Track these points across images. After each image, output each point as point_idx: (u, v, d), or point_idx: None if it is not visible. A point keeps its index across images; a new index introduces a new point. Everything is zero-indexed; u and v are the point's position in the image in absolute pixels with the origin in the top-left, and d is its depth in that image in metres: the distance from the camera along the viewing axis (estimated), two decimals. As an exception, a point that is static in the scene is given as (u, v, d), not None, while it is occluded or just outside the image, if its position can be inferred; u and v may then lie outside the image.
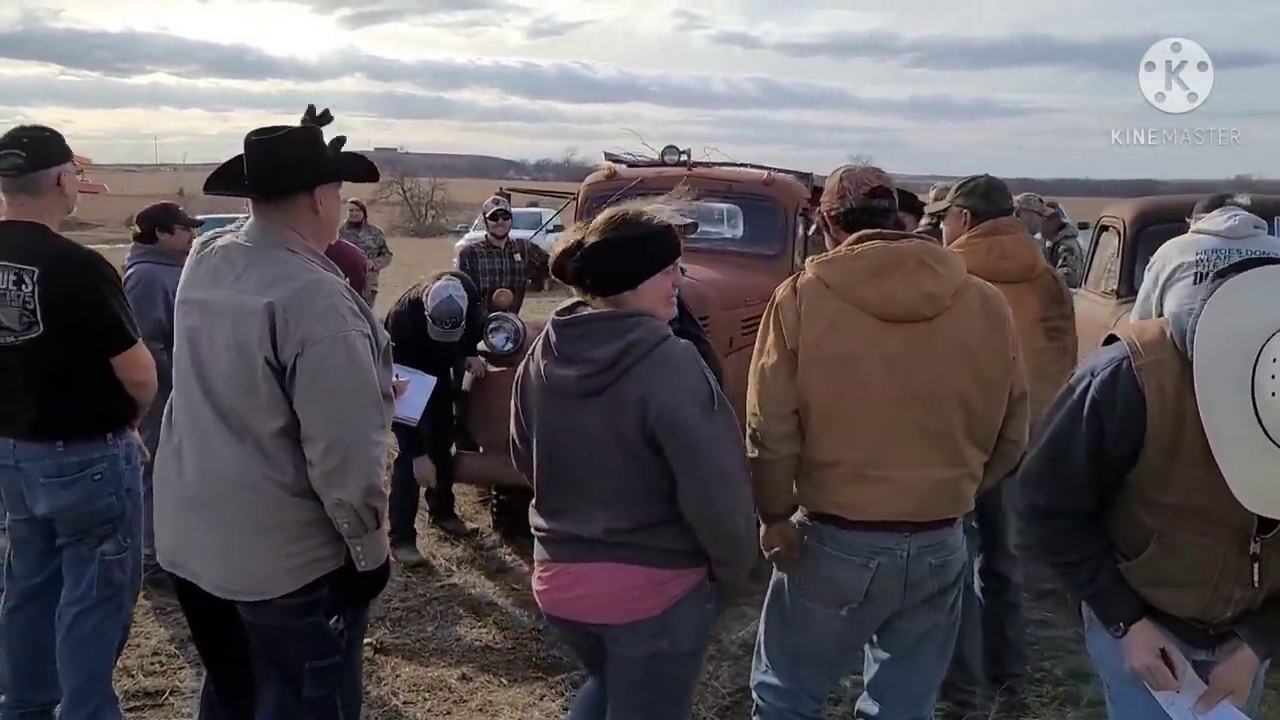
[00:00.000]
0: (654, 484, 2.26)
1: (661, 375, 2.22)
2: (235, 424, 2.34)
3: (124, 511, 3.21)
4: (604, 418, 2.25)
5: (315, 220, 2.45)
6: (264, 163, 2.38)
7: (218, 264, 2.40)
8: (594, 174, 6.93)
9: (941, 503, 2.44)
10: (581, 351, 2.26)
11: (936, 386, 2.38)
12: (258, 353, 2.28)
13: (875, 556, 2.42)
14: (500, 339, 5.41)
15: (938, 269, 2.42)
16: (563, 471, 2.34)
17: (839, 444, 2.41)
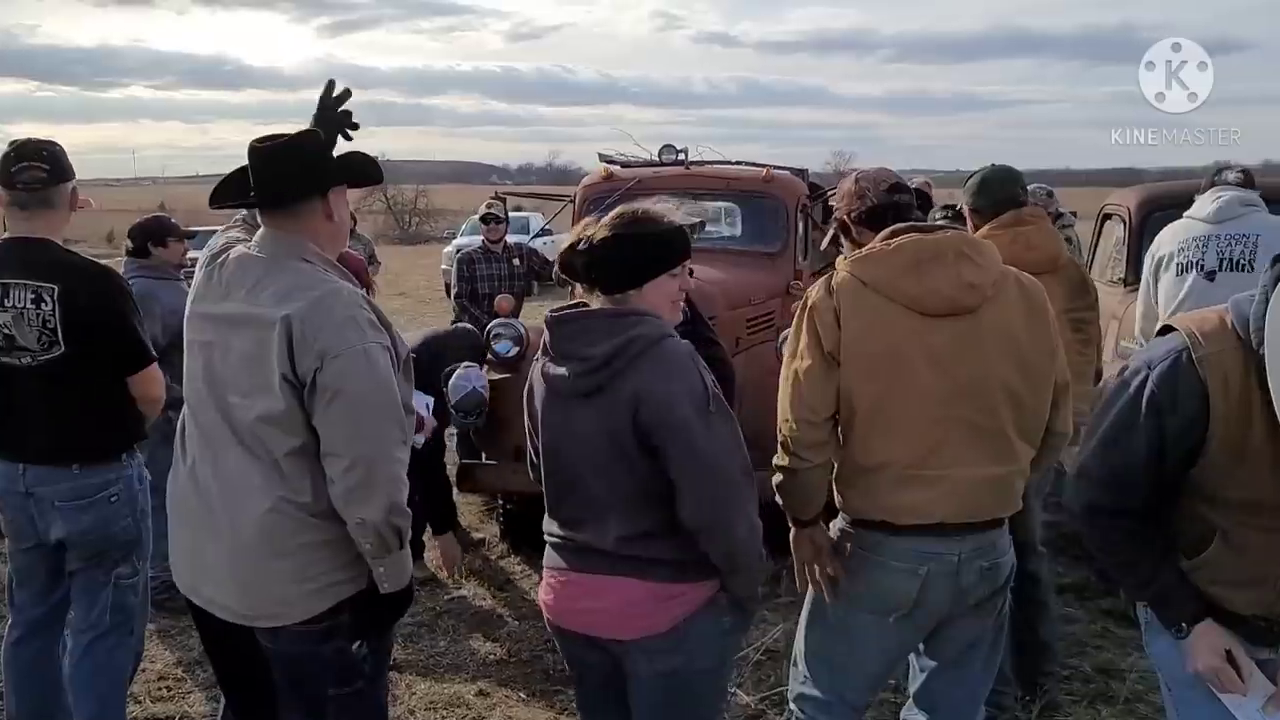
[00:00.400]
0: (652, 490, 2.16)
1: (657, 373, 2.12)
2: (251, 442, 2.24)
3: (139, 533, 3.13)
4: (599, 419, 2.15)
5: (329, 227, 2.36)
6: (271, 172, 2.28)
7: (230, 277, 2.31)
8: (590, 175, 6.85)
9: (994, 501, 2.37)
10: (577, 349, 2.17)
11: (984, 380, 2.31)
12: (275, 368, 2.18)
13: (926, 562, 2.34)
14: (504, 346, 5.31)
15: (976, 259, 2.36)
16: (569, 479, 2.25)
17: (887, 445, 2.33)
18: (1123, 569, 2.14)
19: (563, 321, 2.22)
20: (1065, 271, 3.50)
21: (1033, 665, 3.67)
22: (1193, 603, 2.03)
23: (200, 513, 2.33)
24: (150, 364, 3.05)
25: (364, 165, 2.43)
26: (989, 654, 2.56)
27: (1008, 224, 3.49)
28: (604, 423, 2.15)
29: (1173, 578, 2.04)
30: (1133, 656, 4.07)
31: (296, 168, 2.29)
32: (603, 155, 7.34)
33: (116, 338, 2.97)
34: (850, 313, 2.34)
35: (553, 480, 2.29)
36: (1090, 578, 4.87)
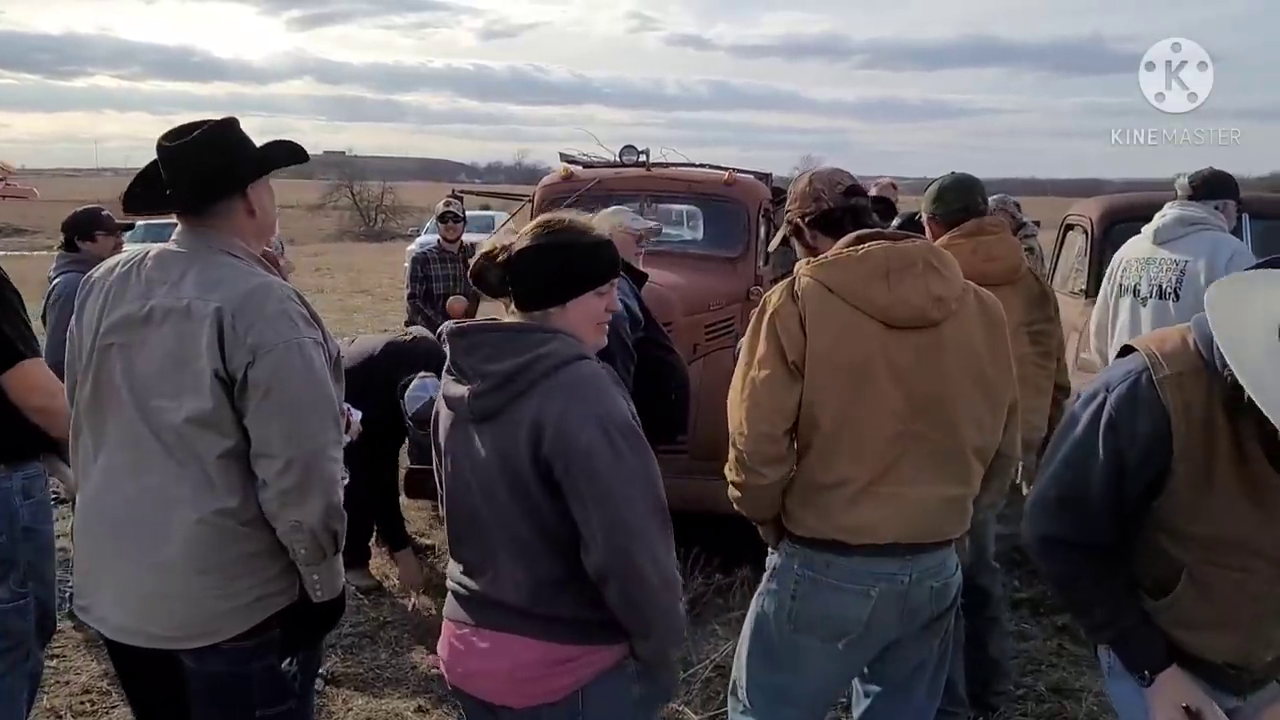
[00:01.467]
0: (554, 534, 1.88)
1: (564, 396, 1.85)
2: (177, 448, 2.10)
3: (14, 554, 2.87)
4: (496, 446, 1.89)
5: (252, 222, 2.23)
6: (184, 172, 2.16)
7: (151, 274, 2.17)
8: (550, 175, 6.73)
9: (947, 522, 2.30)
10: (476, 365, 1.92)
11: (945, 397, 2.23)
12: (205, 364, 2.05)
13: (876, 583, 2.26)
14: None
15: (943, 271, 2.29)
16: (466, 516, 1.99)
17: (847, 461, 2.23)
18: (1080, 608, 2.02)
19: (462, 334, 1.98)
20: (1024, 283, 3.43)
21: (985, 684, 3.59)
22: (1157, 648, 1.90)
23: (115, 530, 2.17)
24: (16, 364, 2.75)
25: (286, 153, 2.29)
26: (934, 676, 2.49)
27: (970, 233, 3.41)
28: (500, 451, 1.89)
29: (1135, 619, 1.91)
30: (1088, 676, 4.00)
31: (211, 167, 2.15)
32: (564, 155, 7.24)
33: None
34: (817, 321, 2.23)
35: (451, 516, 2.04)
36: (1045, 593, 4.80)
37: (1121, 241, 5.87)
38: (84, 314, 2.24)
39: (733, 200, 6.37)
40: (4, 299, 2.80)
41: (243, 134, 2.22)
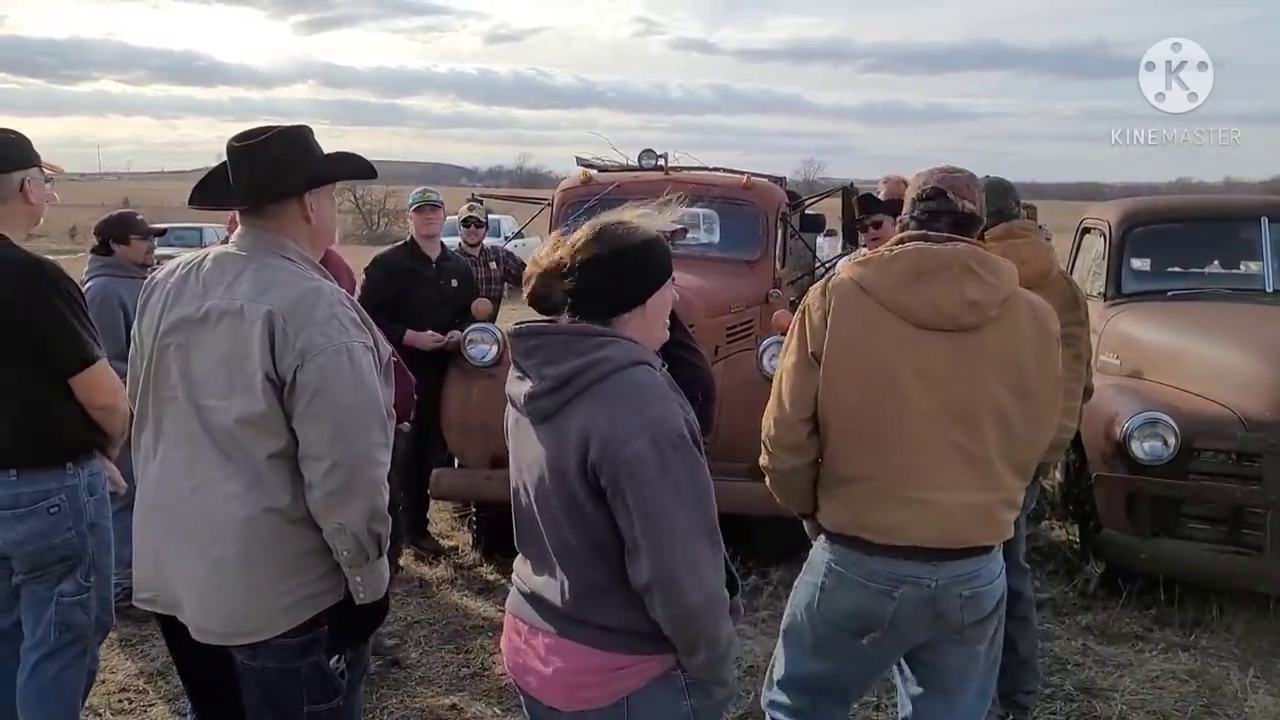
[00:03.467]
0: (598, 541, 1.85)
1: (615, 403, 1.81)
2: (229, 447, 2.15)
3: (84, 548, 2.93)
4: (548, 450, 1.87)
5: (308, 228, 2.29)
6: (249, 170, 2.21)
7: (208, 276, 2.22)
8: (568, 179, 6.77)
9: (974, 529, 2.27)
10: (536, 366, 1.90)
11: (977, 403, 2.22)
12: (258, 366, 2.10)
13: (900, 585, 2.26)
14: (480, 351, 5.21)
15: (985, 276, 2.26)
16: (527, 514, 1.98)
17: (866, 459, 2.26)
18: None
19: (523, 335, 1.95)
20: (1056, 286, 3.44)
21: (1014, 684, 3.62)
22: None
23: (173, 524, 2.22)
24: (89, 366, 2.85)
25: (349, 164, 2.37)
26: (983, 685, 2.48)
27: (999, 236, 3.43)
28: (551, 456, 1.86)
29: None
30: (1115, 675, 4.04)
31: (274, 168, 2.21)
32: (580, 159, 7.27)
33: (48, 337, 2.79)
34: (841, 317, 2.27)
35: (517, 512, 2.04)
36: (1068, 593, 4.84)
37: (1140, 244, 5.96)
38: (145, 314, 2.29)
39: (750, 204, 6.41)
40: (76, 301, 2.88)
41: (310, 142, 2.29)
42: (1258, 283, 5.58)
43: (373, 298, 5.16)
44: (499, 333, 5.30)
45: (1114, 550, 4.58)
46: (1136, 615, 4.59)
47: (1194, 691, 3.92)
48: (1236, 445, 4.28)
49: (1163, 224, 6.06)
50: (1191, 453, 4.32)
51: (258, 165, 2.21)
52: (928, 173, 2.45)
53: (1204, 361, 4.72)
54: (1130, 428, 4.35)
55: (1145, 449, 4.35)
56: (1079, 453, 4.84)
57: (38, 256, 2.88)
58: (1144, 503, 4.43)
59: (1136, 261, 6.01)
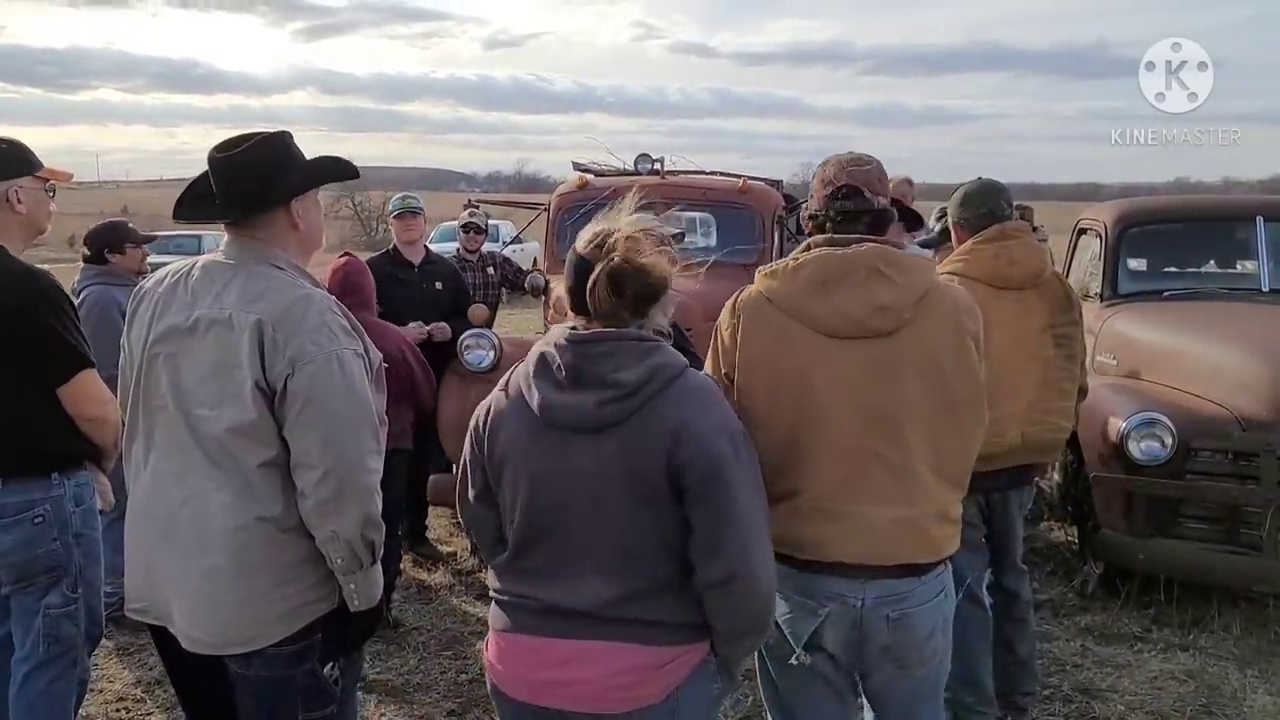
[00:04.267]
0: (668, 539, 1.91)
1: (693, 405, 1.90)
2: (220, 457, 2.14)
3: (69, 559, 2.92)
4: (620, 454, 1.89)
5: (297, 235, 2.28)
6: (232, 182, 2.20)
7: (197, 285, 2.21)
8: (565, 184, 6.78)
9: (901, 545, 2.13)
10: (606, 373, 1.90)
11: (897, 411, 2.11)
12: (247, 375, 2.09)
13: (827, 602, 2.15)
14: (477, 356, 5.22)
15: (895, 277, 2.12)
16: (550, 525, 1.96)
17: (788, 477, 2.14)
18: None
19: (587, 342, 1.93)
20: (1049, 287, 3.45)
21: (1012, 685, 3.62)
22: None
23: (164, 534, 2.22)
24: (76, 376, 2.84)
25: (333, 167, 2.35)
26: (934, 702, 2.35)
27: (992, 238, 3.43)
28: (623, 457, 1.89)
29: None
30: (1114, 676, 4.03)
31: (257, 179, 2.20)
32: (577, 164, 7.28)
33: (34, 346, 2.78)
34: (751, 332, 2.17)
35: (524, 526, 1.98)
36: (1066, 594, 4.84)
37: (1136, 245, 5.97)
38: (134, 324, 2.29)
39: (747, 207, 6.42)
40: (66, 311, 2.87)
41: (291, 148, 2.27)
42: (1253, 282, 5.58)
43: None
44: (495, 338, 5.30)
45: (1112, 550, 4.58)
46: (1135, 615, 4.58)
47: (1193, 692, 3.92)
48: (1233, 445, 4.29)
49: (1158, 224, 6.06)
50: (1189, 452, 4.32)
51: (241, 176, 2.19)
52: (835, 166, 2.28)
53: (1201, 361, 4.72)
54: (1127, 428, 4.35)
55: (1142, 449, 4.35)
56: (1076, 453, 4.83)
57: (28, 265, 2.87)
58: (1141, 503, 4.43)
59: (1133, 262, 6.01)
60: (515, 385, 2.00)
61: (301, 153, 2.30)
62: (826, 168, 2.28)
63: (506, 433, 1.99)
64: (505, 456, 1.99)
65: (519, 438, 1.97)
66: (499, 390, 2.05)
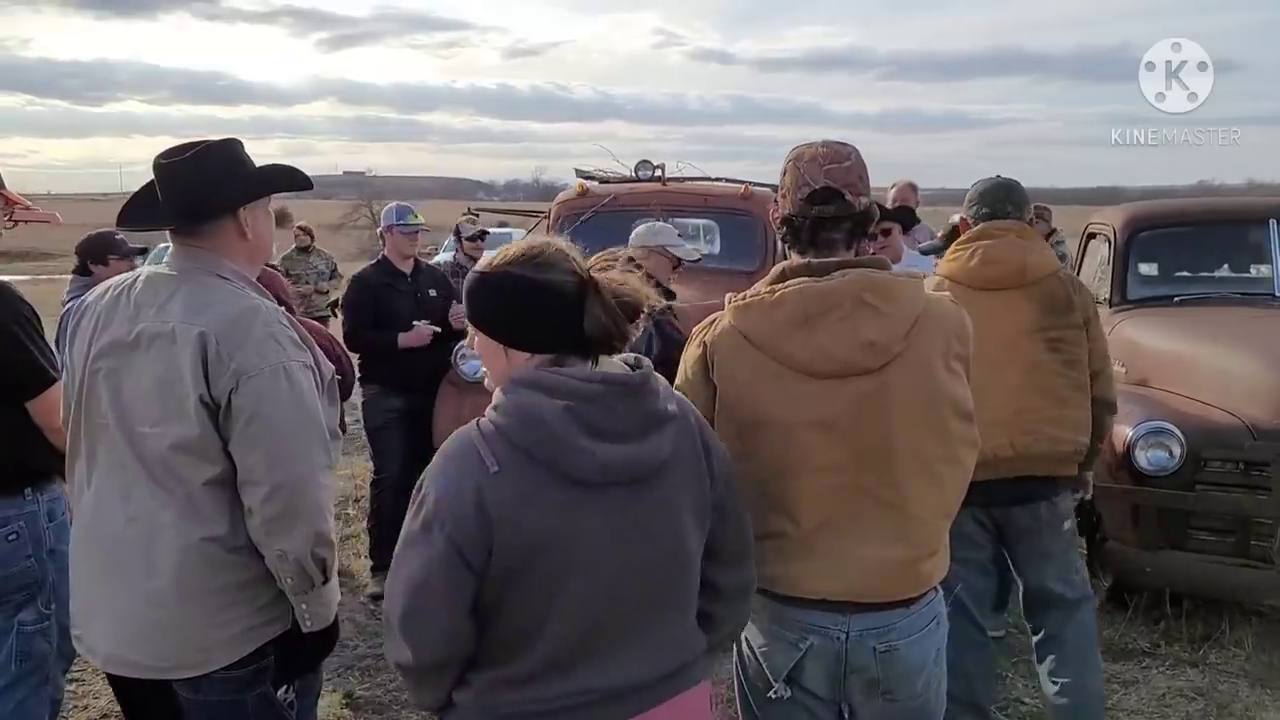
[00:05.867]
0: (699, 565, 1.79)
1: (696, 421, 1.78)
2: (163, 475, 2.07)
3: (44, 576, 2.86)
4: (685, 489, 1.71)
5: (245, 245, 2.21)
6: (177, 189, 2.14)
7: (140, 297, 2.14)
8: (566, 191, 6.72)
9: (891, 586, 2.00)
10: (647, 416, 1.66)
11: (890, 448, 1.94)
12: (190, 390, 2.02)
13: (808, 635, 2.02)
14: (471, 367, 5.15)
15: (882, 307, 1.94)
16: (615, 609, 1.65)
17: (777, 516, 1.99)
18: None
19: (625, 382, 1.64)
20: (1040, 287, 3.27)
21: None
22: None
23: (106, 558, 2.15)
24: (45, 390, 2.77)
25: (283, 176, 2.29)
26: None
27: (973, 238, 3.31)
28: (688, 492, 1.71)
29: None
30: (1120, 693, 3.91)
31: (203, 186, 2.13)
32: (580, 171, 7.23)
33: (3, 361, 2.72)
34: (726, 372, 1.99)
35: (580, 621, 1.62)
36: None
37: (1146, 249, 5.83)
38: (76, 340, 2.22)
39: (749, 214, 6.34)
40: (31, 323, 2.81)
41: (240, 155, 2.21)
42: (1266, 287, 5.44)
43: (356, 316, 5.24)
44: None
45: (1119, 563, 4.46)
46: (1143, 630, 4.46)
47: (1201, 710, 3.80)
48: (1244, 454, 4.15)
49: (1169, 228, 5.92)
50: (1198, 462, 4.19)
51: (188, 183, 2.13)
52: (808, 161, 2.03)
53: (1211, 368, 4.59)
54: (1134, 437, 4.23)
55: (1149, 459, 4.22)
56: (1084, 463, 4.71)
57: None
58: (1149, 514, 4.29)
59: (1143, 266, 5.87)
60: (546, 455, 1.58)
61: (251, 160, 2.24)
62: (800, 165, 2.04)
63: (545, 519, 1.58)
64: (531, 552, 1.58)
65: (566, 513, 1.59)
66: (508, 475, 1.57)
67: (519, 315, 1.65)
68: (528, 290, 1.63)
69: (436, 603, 1.58)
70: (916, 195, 7.01)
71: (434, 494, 1.58)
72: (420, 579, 1.57)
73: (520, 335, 1.66)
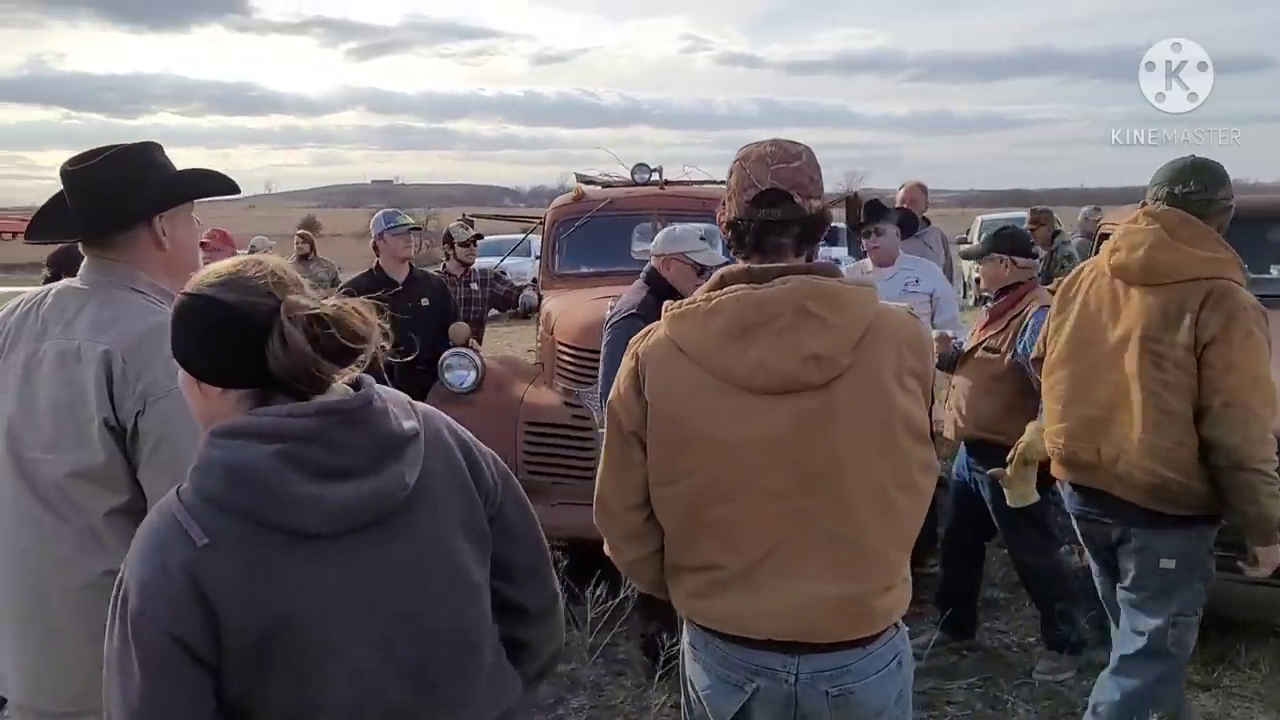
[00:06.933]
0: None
1: (451, 429, 1.72)
2: (60, 505, 1.92)
3: None
4: (447, 513, 1.64)
5: (162, 255, 2.06)
6: (85, 198, 2.01)
7: (47, 313, 2.01)
8: (561, 196, 6.60)
9: (837, 624, 1.83)
10: (380, 431, 1.57)
11: (836, 471, 1.78)
12: (95, 413, 1.88)
13: (754, 678, 1.86)
14: (458, 376, 5.03)
15: (828, 318, 1.77)
16: (405, 676, 1.57)
17: (709, 548, 1.85)
18: None
19: (341, 411, 1.47)
20: (1171, 293, 2.85)
21: None
22: None
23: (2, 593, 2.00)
24: None
25: (203, 181, 2.14)
26: None
27: (1125, 221, 3.03)
28: (450, 520, 1.62)
29: None
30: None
31: (112, 193, 2.00)
32: (580, 175, 7.10)
33: None
34: (658, 387, 1.84)
35: (367, 711, 1.49)
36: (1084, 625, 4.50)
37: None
38: None
39: (750, 217, 6.18)
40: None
41: (155, 161, 2.07)
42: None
43: None
44: (477, 357, 5.11)
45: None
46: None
47: (1214, 736, 3.59)
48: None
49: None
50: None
51: (96, 190, 2.00)
52: (755, 161, 1.87)
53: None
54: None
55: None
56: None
57: None
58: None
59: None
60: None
61: (170, 165, 2.10)
62: (747, 165, 1.88)
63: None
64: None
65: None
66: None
67: (201, 342, 1.43)
68: (211, 313, 1.41)
69: (165, 713, 1.32)
70: (926, 197, 6.83)
71: (135, 586, 1.34)
72: (143, 691, 1.31)
73: (204, 366, 1.44)
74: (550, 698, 4.00)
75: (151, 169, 2.05)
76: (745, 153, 1.91)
